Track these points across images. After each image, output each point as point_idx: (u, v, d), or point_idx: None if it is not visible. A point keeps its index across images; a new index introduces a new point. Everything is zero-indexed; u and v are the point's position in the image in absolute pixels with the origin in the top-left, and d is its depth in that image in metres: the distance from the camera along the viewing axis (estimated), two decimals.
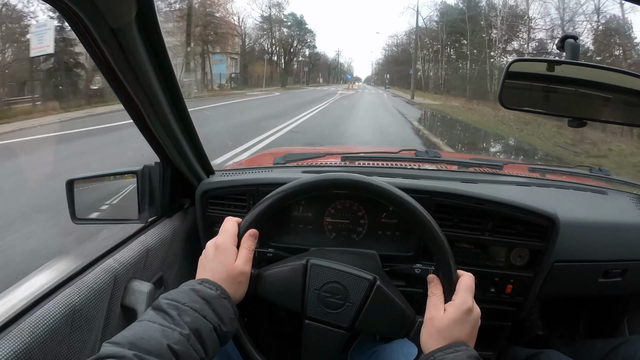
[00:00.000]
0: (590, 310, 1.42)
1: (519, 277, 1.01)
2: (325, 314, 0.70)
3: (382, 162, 1.29)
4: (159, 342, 0.51)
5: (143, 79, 0.71)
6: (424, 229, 0.69)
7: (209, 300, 0.59)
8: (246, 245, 0.68)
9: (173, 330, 0.53)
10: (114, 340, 0.51)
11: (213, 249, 0.67)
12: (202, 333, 0.55)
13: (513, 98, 0.79)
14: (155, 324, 0.54)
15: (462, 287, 0.64)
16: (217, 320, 0.58)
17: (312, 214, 1.04)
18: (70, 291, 0.71)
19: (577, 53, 0.75)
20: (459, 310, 0.62)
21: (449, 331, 0.62)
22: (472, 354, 0.59)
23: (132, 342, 0.50)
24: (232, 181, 1.06)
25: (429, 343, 0.63)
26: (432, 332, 0.63)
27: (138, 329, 0.53)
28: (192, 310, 0.56)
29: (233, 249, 0.67)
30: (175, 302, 0.57)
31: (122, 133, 6.32)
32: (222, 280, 0.63)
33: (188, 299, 0.58)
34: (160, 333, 0.52)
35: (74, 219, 0.95)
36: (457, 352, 0.59)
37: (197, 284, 0.61)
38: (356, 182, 0.71)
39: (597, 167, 1.36)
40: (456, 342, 0.61)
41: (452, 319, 0.62)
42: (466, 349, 0.60)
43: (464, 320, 0.62)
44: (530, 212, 0.96)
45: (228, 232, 0.68)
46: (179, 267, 1.09)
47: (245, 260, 0.66)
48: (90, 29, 0.60)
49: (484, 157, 1.48)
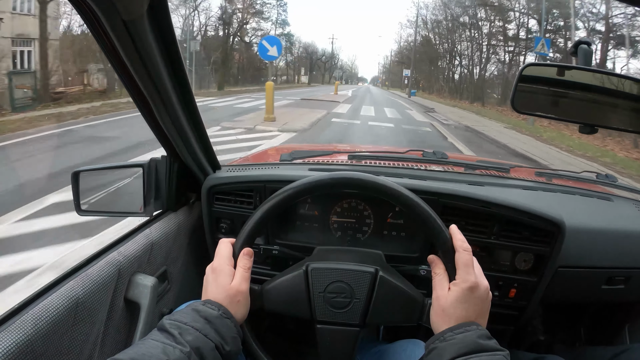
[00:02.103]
0: (592, 317, 1.42)
1: (522, 282, 1.01)
2: (335, 315, 0.69)
3: (389, 161, 1.29)
4: (159, 359, 0.53)
5: (153, 72, 0.71)
6: (415, 211, 0.68)
7: (211, 319, 0.61)
8: (241, 264, 0.69)
9: (174, 348, 0.55)
10: (117, 357, 0.53)
11: (210, 272, 0.68)
12: (204, 352, 0.57)
13: (526, 102, 0.78)
14: (157, 342, 0.56)
15: (461, 265, 0.64)
16: (220, 339, 0.59)
17: (318, 212, 1.04)
18: (74, 284, 0.71)
19: (590, 59, 0.75)
20: (461, 289, 0.62)
21: (454, 310, 0.62)
22: (483, 333, 0.58)
23: (134, 358, 0.52)
24: (239, 177, 1.05)
25: (438, 323, 0.63)
26: (438, 311, 0.64)
27: (141, 347, 0.55)
28: (194, 330, 0.58)
29: (229, 269, 0.67)
30: (177, 322, 0.59)
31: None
32: (222, 301, 0.64)
33: (190, 318, 0.60)
34: (161, 350, 0.54)
35: (78, 210, 0.95)
36: (467, 332, 0.58)
37: (199, 305, 0.63)
38: (359, 180, 0.70)
39: (604, 173, 1.35)
40: (466, 322, 0.60)
41: (455, 297, 0.62)
42: (476, 329, 0.59)
43: (467, 298, 0.62)
44: (536, 216, 0.96)
45: (223, 254, 0.69)
46: (183, 262, 1.09)
47: (242, 279, 0.67)
48: (102, 20, 0.59)
49: (491, 160, 1.47)
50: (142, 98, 0.78)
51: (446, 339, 0.59)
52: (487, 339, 0.58)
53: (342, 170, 0.76)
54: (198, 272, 0.70)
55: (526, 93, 0.77)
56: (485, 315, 0.63)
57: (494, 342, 0.58)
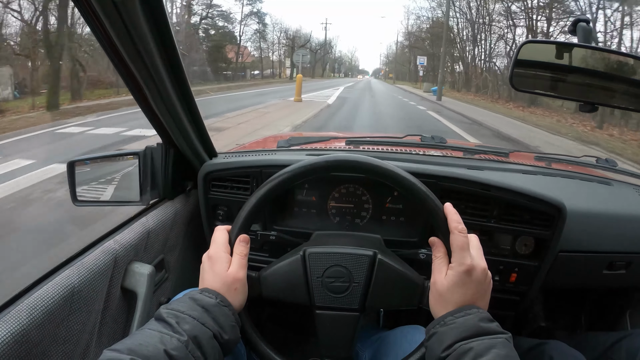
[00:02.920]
0: (593, 303, 1.41)
1: (523, 266, 1.00)
2: (334, 300, 0.68)
3: (387, 146, 1.28)
4: (157, 348, 0.52)
5: (146, 55, 0.70)
6: (413, 193, 0.67)
7: (208, 308, 0.60)
8: (238, 251, 0.68)
9: (171, 337, 0.54)
10: (114, 347, 0.52)
11: (207, 260, 0.67)
12: (201, 340, 0.56)
13: (524, 80, 0.77)
14: (154, 331, 0.55)
15: (456, 248, 0.62)
16: (217, 328, 0.59)
17: (316, 198, 1.03)
18: (70, 272, 0.70)
19: (589, 37, 0.74)
20: (457, 273, 0.61)
21: (450, 294, 0.61)
22: (484, 316, 0.58)
23: (131, 348, 0.52)
24: (235, 162, 1.04)
25: (436, 307, 0.63)
26: (436, 296, 0.63)
27: (138, 337, 0.54)
28: (191, 318, 0.57)
29: (225, 257, 0.67)
30: (175, 311, 0.58)
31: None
32: (219, 289, 0.64)
33: (187, 307, 0.59)
34: (158, 339, 0.54)
35: (74, 200, 0.94)
36: (467, 315, 0.58)
37: (197, 293, 0.62)
38: (354, 162, 0.69)
39: (604, 157, 1.34)
40: (467, 305, 0.59)
41: (451, 281, 0.61)
42: (477, 312, 0.58)
43: (464, 282, 0.60)
44: (537, 199, 0.95)
45: (219, 242, 0.68)
46: (181, 250, 1.08)
47: (239, 266, 0.66)
48: (92, 2, 0.58)
49: (490, 145, 1.46)
50: (135, 83, 0.77)
51: (447, 323, 0.58)
52: (488, 322, 0.57)
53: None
54: (196, 260, 0.69)
55: (524, 71, 0.76)
56: (485, 297, 0.62)
57: (496, 324, 0.57)
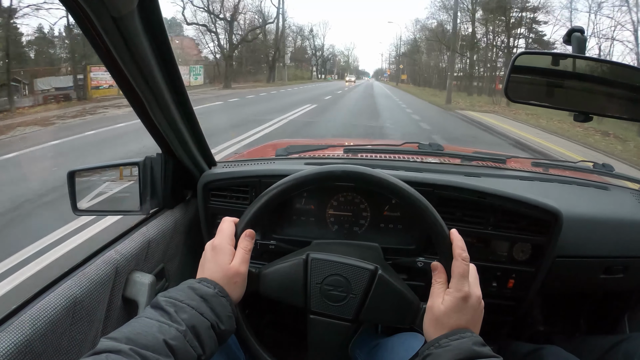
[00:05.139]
0: (591, 307, 1.42)
1: (521, 272, 1.01)
2: (329, 307, 0.69)
3: (385, 154, 1.28)
4: (155, 338, 0.52)
5: (145, 68, 0.71)
6: (423, 216, 0.68)
7: (207, 298, 0.60)
8: (242, 245, 0.68)
9: (170, 326, 0.54)
10: (111, 336, 0.52)
11: (210, 249, 0.67)
12: (199, 330, 0.56)
13: (519, 91, 0.78)
14: (152, 320, 0.55)
15: (456, 274, 0.64)
16: (215, 318, 0.59)
17: (314, 207, 1.04)
18: (71, 283, 0.71)
19: (584, 47, 0.74)
20: (454, 299, 0.62)
21: (447, 319, 0.62)
22: (478, 340, 0.59)
23: (129, 337, 0.51)
24: (234, 172, 1.05)
25: (430, 331, 0.64)
26: (431, 320, 0.64)
27: (135, 325, 0.54)
28: (189, 308, 0.57)
29: (229, 249, 0.67)
30: (173, 299, 0.58)
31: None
32: (219, 280, 0.64)
33: (185, 296, 0.59)
34: (157, 329, 0.53)
35: (75, 210, 0.95)
36: (462, 338, 0.59)
37: (195, 283, 0.62)
38: (355, 173, 0.70)
39: (601, 162, 1.35)
40: (461, 329, 0.61)
41: (448, 307, 0.62)
42: (471, 336, 0.59)
43: (460, 307, 0.62)
44: (533, 206, 0.95)
45: (225, 233, 0.68)
46: (181, 259, 1.09)
47: (242, 260, 0.66)
48: (92, 17, 0.59)
49: (487, 151, 1.46)
50: (134, 95, 0.78)
51: (441, 345, 0.59)
52: (481, 346, 0.58)
53: (338, 163, 0.76)
54: (196, 269, 0.70)
55: (520, 82, 0.77)
56: (478, 324, 0.64)
57: (488, 349, 0.58)
